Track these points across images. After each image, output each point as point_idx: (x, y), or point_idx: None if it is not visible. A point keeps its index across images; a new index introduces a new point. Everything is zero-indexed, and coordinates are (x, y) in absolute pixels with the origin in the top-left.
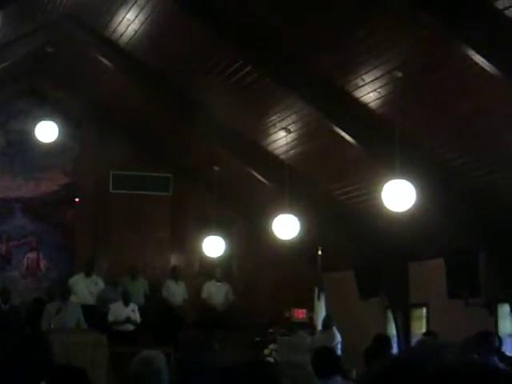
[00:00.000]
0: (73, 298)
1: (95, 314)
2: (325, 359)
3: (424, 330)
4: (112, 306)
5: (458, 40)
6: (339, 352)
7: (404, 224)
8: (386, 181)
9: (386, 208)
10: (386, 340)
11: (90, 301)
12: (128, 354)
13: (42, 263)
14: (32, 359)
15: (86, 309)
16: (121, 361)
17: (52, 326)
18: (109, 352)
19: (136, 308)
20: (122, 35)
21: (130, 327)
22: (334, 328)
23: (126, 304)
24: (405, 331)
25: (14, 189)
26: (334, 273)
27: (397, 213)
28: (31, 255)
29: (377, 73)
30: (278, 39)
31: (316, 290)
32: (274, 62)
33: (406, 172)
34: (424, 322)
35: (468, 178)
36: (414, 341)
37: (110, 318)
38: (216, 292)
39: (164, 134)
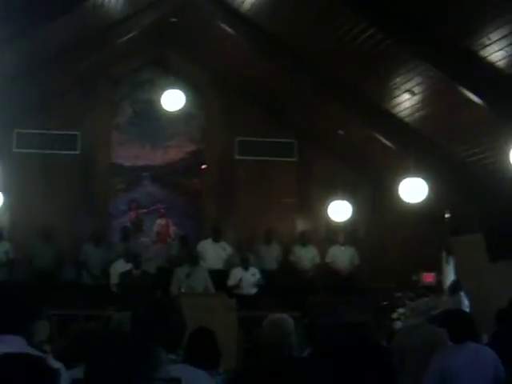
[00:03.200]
0: (202, 263)
1: (222, 278)
2: (458, 323)
3: None
4: (232, 270)
5: None
6: None
7: None
8: None
9: None
10: None
11: (219, 265)
12: (254, 318)
13: (171, 229)
14: (166, 322)
15: (214, 273)
16: (248, 324)
17: (182, 290)
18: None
19: (257, 272)
20: (243, 1)
21: (252, 291)
22: (462, 293)
23: (246, 268)
24: None
25: (142, 157)
26: (462, 236)
27: None
28: (161, 222)
29: (504, 31)
30: (400, 0)
31: (444, 253)
32: (398, 23)
33: None
34: None
35: None
36: None
37: (230, 282)
38: (340, 256)
39: (288, 100)
